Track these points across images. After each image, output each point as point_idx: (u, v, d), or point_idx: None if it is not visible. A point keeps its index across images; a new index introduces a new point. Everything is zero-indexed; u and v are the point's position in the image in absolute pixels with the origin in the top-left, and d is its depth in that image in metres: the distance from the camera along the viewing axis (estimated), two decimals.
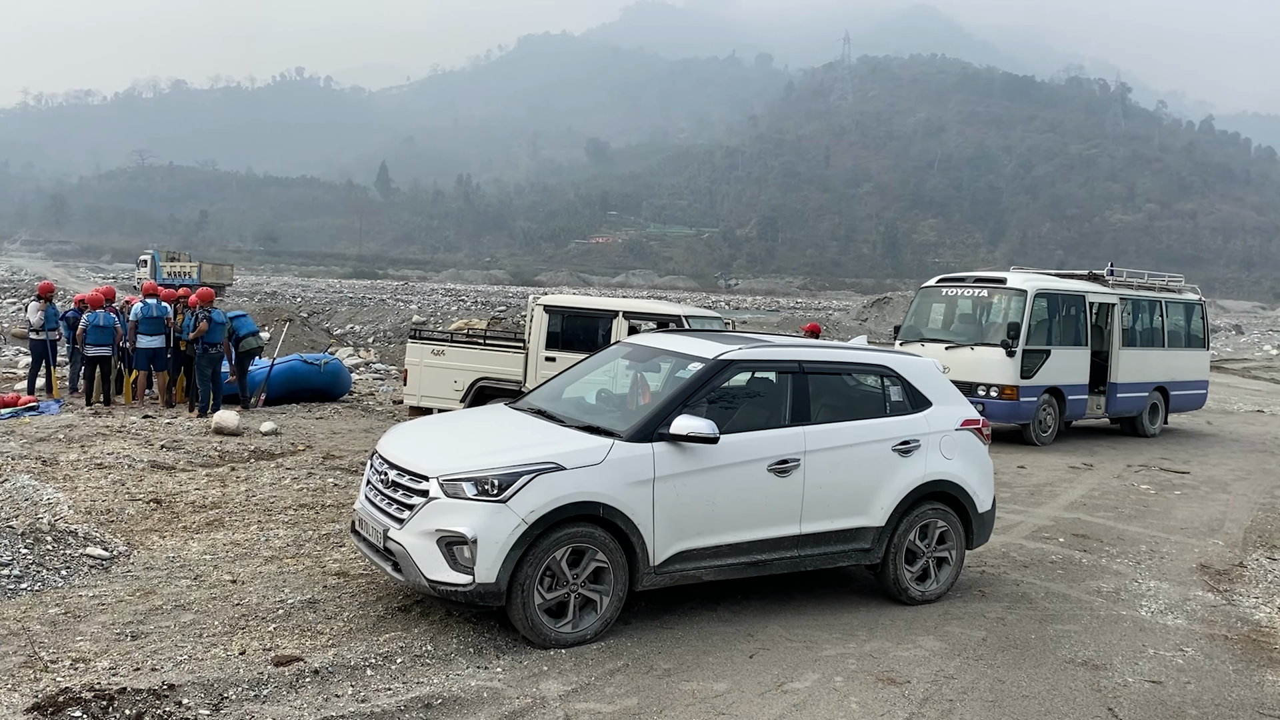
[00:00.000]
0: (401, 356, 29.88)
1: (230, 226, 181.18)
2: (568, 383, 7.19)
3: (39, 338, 15.25)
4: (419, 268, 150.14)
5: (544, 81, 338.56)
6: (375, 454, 6.23)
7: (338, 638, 5.50)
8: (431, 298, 76.09)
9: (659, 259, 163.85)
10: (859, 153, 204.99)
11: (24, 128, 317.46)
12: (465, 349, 12.37)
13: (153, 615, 5.75)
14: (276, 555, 7.19)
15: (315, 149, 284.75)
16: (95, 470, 9.89)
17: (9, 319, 34.78)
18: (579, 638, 5.62)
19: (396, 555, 5.56)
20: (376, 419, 14.61)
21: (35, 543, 6.80)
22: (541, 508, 5.42)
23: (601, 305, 12.07)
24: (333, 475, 10.22)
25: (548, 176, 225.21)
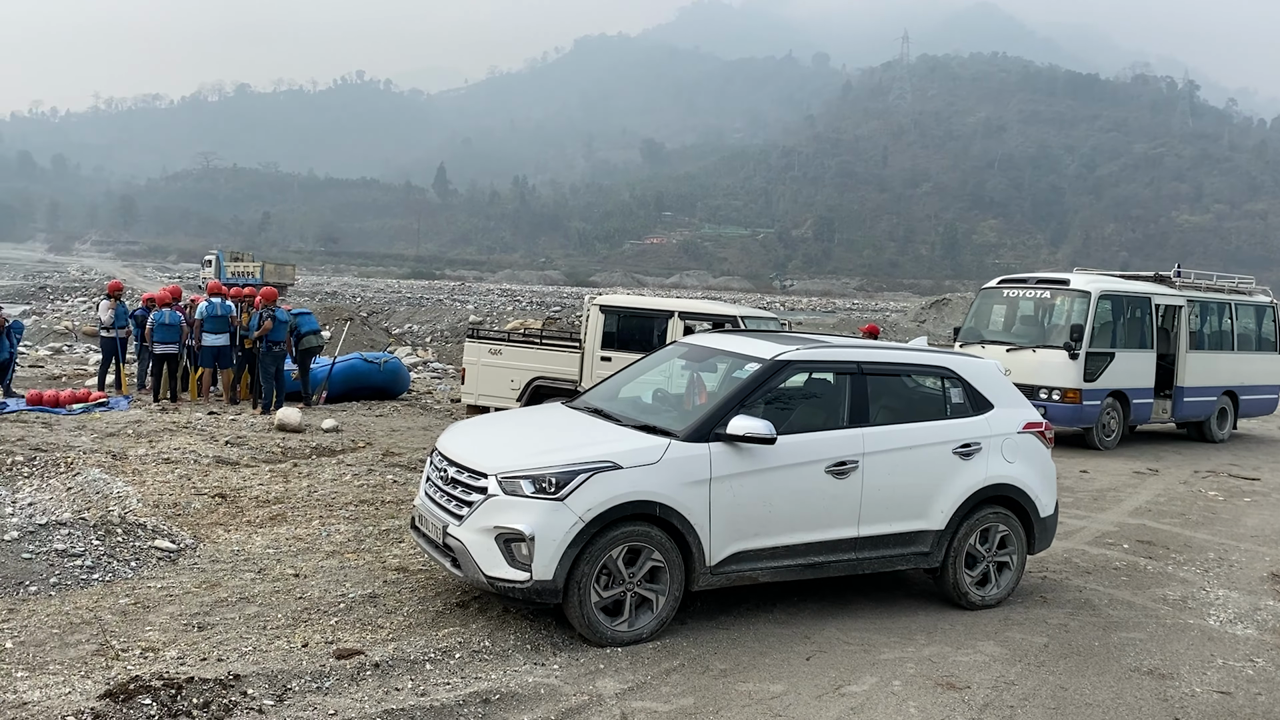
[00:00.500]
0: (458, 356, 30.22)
1: (292, 227, 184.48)
2: (624, 382, 7.21)
3: (109, 335, 15.67)
4: (475, 268, 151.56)
5: (600, 83, 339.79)
6: (435, 451, 6.31)
7: (397, 632, 5.58)
8: (487, 298, 76.77)
9: (713, 260, 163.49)
10: (917, 152, 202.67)
11: (95, 131, 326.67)
12: (522, 348, 12.47)
13: (218, 607, 5.88)
14: (338, 550, 7.31)
15: (375, 151, 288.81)
16: (163, 465, 10.14)
17: (80, 317, 35.79)
18: (635, 636, 5.64)
19: (455, 551, 5.62)
20: (434, 417, 14.78)
21: (106, 535, 6.99)
22: (598, 506, 5.45)
23: (657, 305, 12.09)
24: (392, 472, 10.36)
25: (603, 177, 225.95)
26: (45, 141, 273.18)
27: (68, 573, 6.37)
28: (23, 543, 6.61)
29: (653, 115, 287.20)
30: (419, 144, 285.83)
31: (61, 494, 8.90)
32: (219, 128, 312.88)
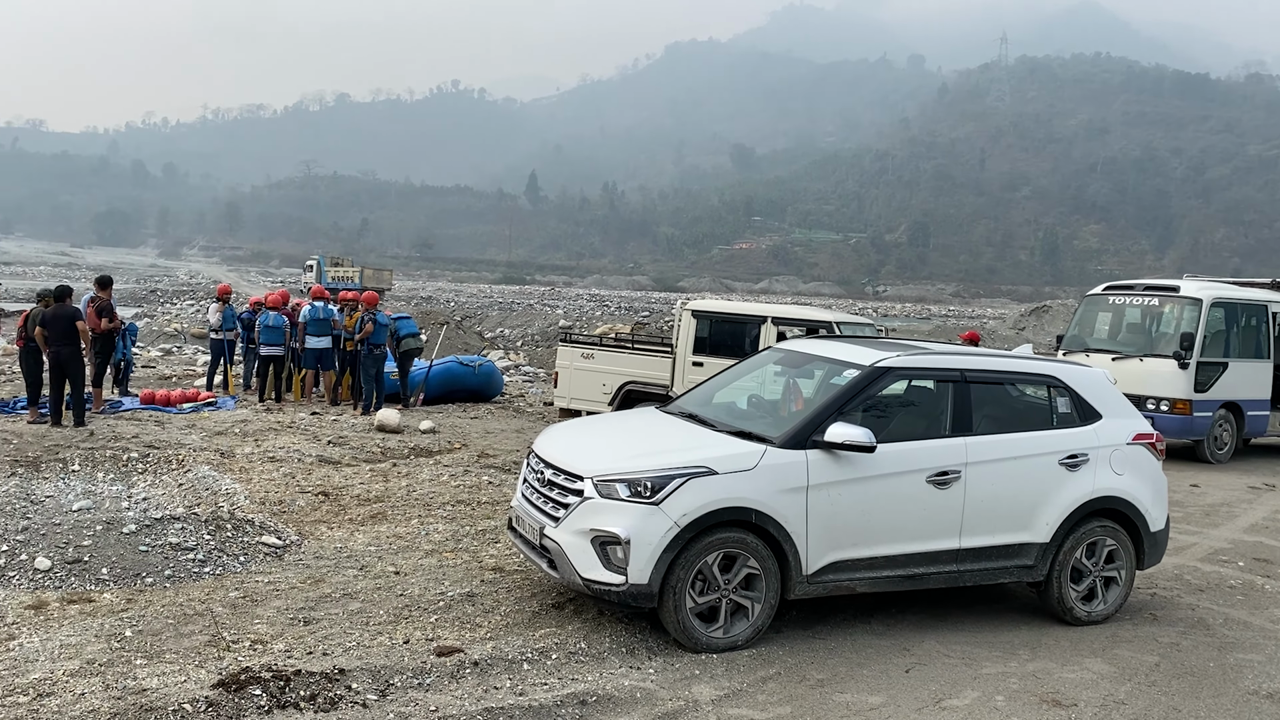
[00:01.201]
0: (549, 360, 30.53)
1: (389, 233, 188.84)
2: (718, 387, 7.19)
3: (217, 337, 16.24)
4: (564, 273, 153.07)
5: (690, 88, 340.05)
6: (531, 453, 6.38)
7: (495, 631, 5.65)
8: (576, 303, 77.52)
9: (804, 265, 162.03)
10: (1016, 156, 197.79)
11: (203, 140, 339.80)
12: (614, 353, 12.54)
13: (323, 602, 6.03)
14: (436, 549, 7.45)
15: (468, 159, 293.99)
16: (268, 463, 10.46)
17: (188, 319, 37.22)
18: (730, 643, 5.61)
19: (552, 552, 5.68)
20: (527, 420, 14.96)
21: (217, 530, 7.25)
22: (693, 511, 5.44)
23: (750, 310, 12.02)
24: (487, 473, 10.51)
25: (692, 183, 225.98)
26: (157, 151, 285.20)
27: (181, 565, 6.62)
28: (139, 536, 6.89)
29: (743, 120, 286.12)
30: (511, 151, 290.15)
31: (173, 490, 9.27)
32: (320, 136, 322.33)
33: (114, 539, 6.78)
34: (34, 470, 9.86)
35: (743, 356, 10.77)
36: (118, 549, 6.66)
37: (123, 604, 5.88)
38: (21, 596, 5.90)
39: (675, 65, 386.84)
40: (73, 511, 8.01)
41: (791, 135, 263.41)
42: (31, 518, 7.57)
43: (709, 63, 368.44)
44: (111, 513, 7.99)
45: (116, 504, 8.74)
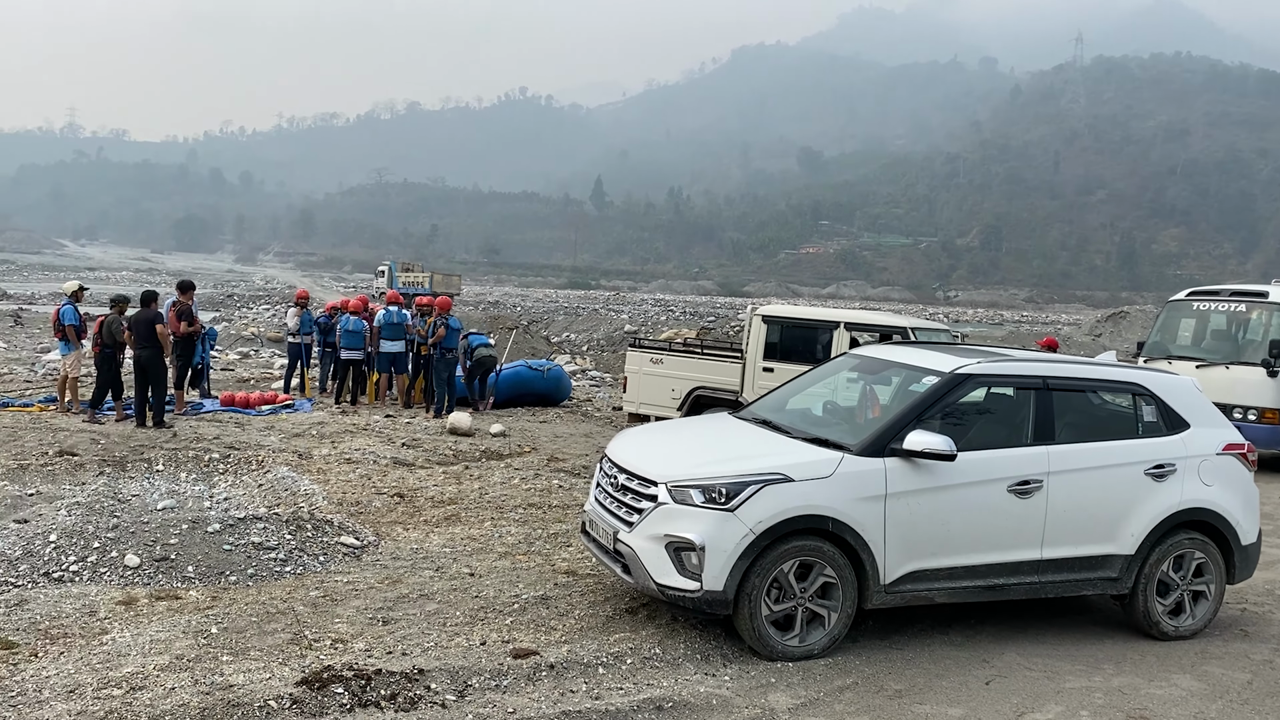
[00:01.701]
0: (615, 364, 30.60)
1: (457, 239, 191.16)
2: (792, 393, 7.13)
3: (294, 341, 16.60)
4: (629, 278, 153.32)
5: (757, 92, 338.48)
6: (604, 457, 6.39)
7: (570, 634, 5.68)
8: (641, 308, 77.53)
9: (872, 269, 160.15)
10: (1092, 158, 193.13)
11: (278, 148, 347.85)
12: (683, 358, 12.51)
13: (400, 603, 6.12)
14: (509, 551, 7.51)
15: (535, 165, 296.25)
16: (344, 465, 10.66)
17: (264, 324, 38.09)
18: (806, 652, 5.56)
19: (626, 557, 5.68)
20: (595, 424, 15.02)
21: (297, 530, 7.39)
22: (769, 519, 5.40)
23: (822, 316, 11.91)
24: (557, 477, 10.57)
25: (758, 187, 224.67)
26: (234, 159, 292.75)
27: (263, 564, 6.77)
28: (223, 535, 7.06)
29: (811, 123, 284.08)
30: (578, 157, 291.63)
31: (254, 490, 9.49)
32: (391, 144, 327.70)
33: (199, 538, 6.96)
34: (120, 469, 10.18)
35: (814, 362, 10.69)
36: (203, 547, 6.83)
37: (208, 601, 6.02)
38: (113, 592, 6.08)
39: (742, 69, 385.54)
40: (158, 510, 8.24)
41: (860, 138, 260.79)
42: (119, 516, 7.80)
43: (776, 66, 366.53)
44: (195, 512, 8.20)
45: (199, 503, 8.98)
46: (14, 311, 34.52)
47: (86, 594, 6.00)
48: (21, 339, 26.73)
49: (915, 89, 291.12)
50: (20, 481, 9.43)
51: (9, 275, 75.48)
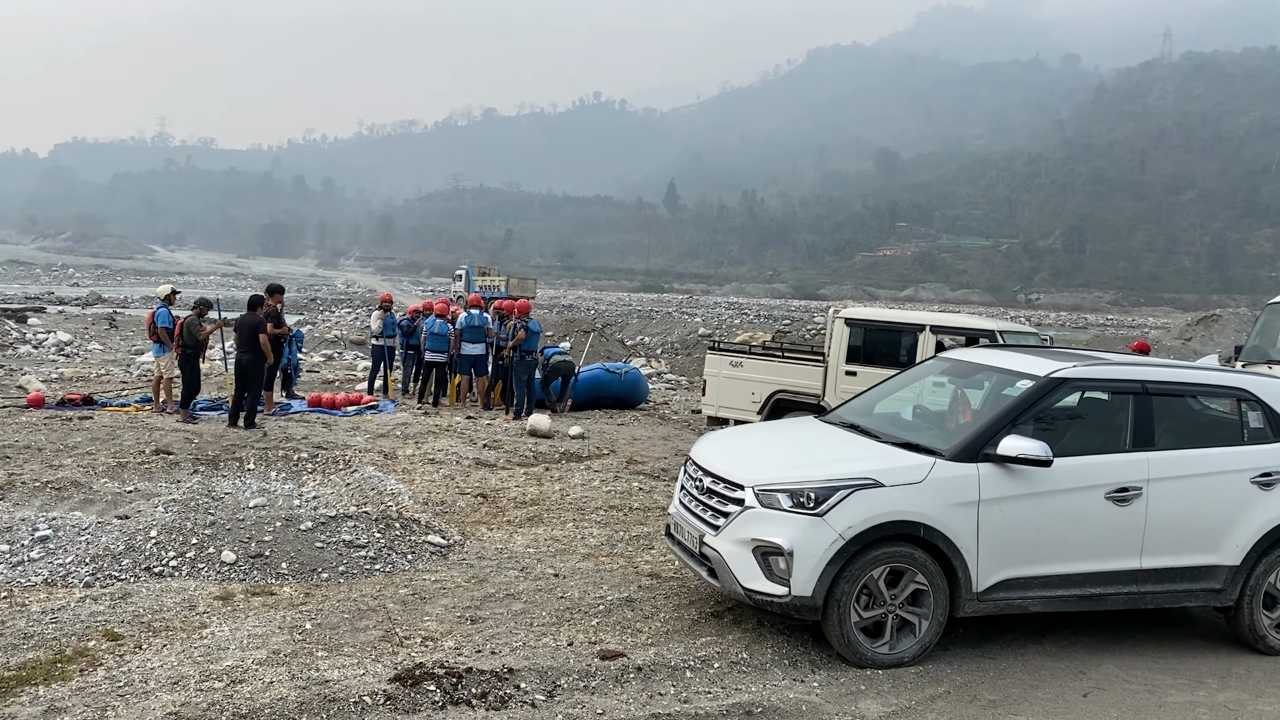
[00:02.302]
0: (690, 367, 30.54)
1: (532, 243, 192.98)
2: (880, 397, 7.03)
3: (378, 343, 16.91)
4: (702, 281, 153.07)
5: (832, 93, 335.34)
6: (689, 460, 6.37)
7: (656, 637, 5.67)
8: (715, 311, 77.34)
9: (951, 272, 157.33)
10: (1181, 157, 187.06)
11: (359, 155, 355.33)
12: (764, 361, 12.40)
13: (487, 602, 6.17)
14: (592, 553, 7.53)
15: (609, 169, 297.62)
16: (428, 465, 10.81)
17: (347, 326, 38.89)
18: (896, 660, 5.47)
19: (712, 561, 5.65)
20: (673, 427, 15.01)
21: (386, 528, 7.51)
22: (859, 524, 5.33)
23: (906, 319, 11.70)
24: (637, 479, 10.58)
25: (833, 189, 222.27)
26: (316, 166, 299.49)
27: (354, 562, 6.89)
28: (315, 533, 7.20)
29: (887, 124, 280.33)
30: (651, 160, 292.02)
31: (341, 489, 9.68)
32: (468, 150, 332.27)
33: (292, 535, 7.11)
34: (213, 468, 10.47)
35: (898, 366, 10.53)
36: (296, 545, 6.98)
37: (301, 598, 6.15)
38: (210, 587, 6.24)
39: (817, 70, 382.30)
40: (250, 508, 8.46)
41: (938, 139, 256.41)
42: (214, 513, 8.02)
43: (852, 67, 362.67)
44: (286, 510, 8.40)
45: (289, 502, 9.19)
46: (109, 315, 35.77)
47: (186, 588, 6.18)
48: (116, 341, 27.69)
49: (995, 88, 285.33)
50: (119, 479, 9.75)
51: (103, 280, 78.34)
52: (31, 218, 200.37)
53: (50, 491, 8.96)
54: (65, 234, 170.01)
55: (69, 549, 6.84)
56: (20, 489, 8.93)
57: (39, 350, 23.53)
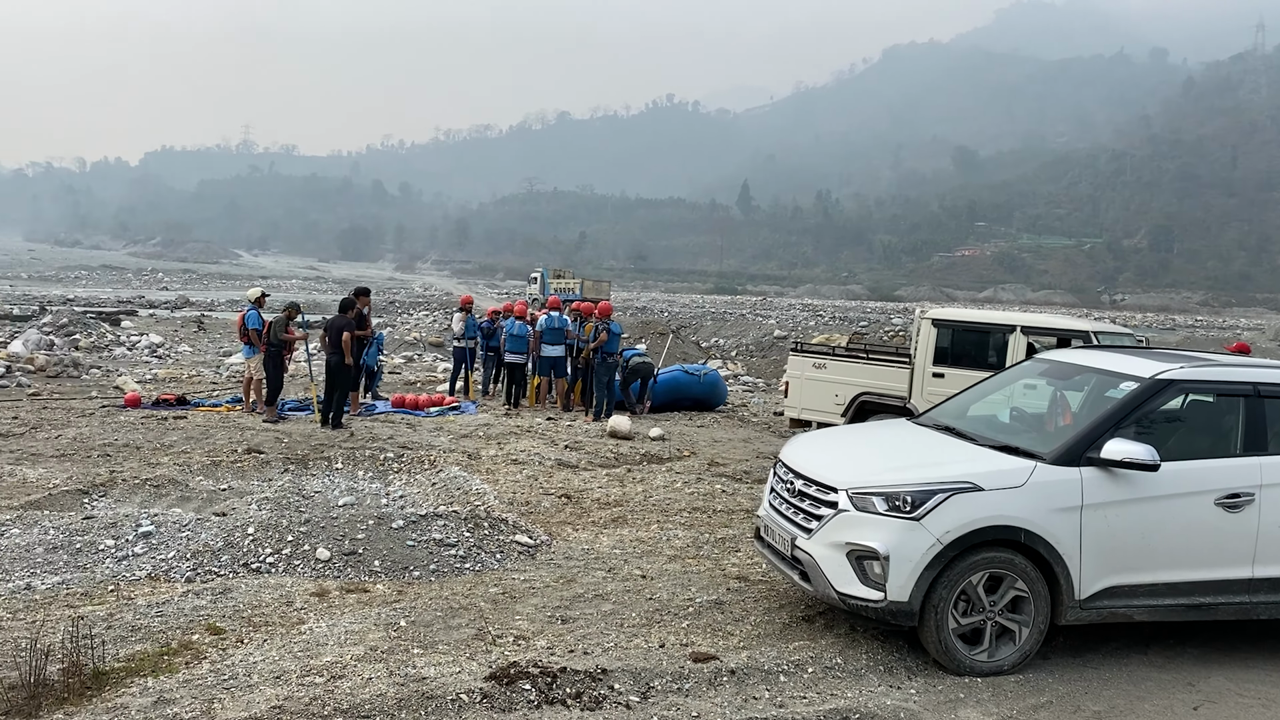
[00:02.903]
0: (767, 370, 30.32)
1: (605, 246, 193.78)
2: (974, 399, 6.88)
3: (459, 345, 17.12)
4: (776, 283, 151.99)
5: (908, 91, 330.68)
6: (779, 462, 6.30)
7: (748, 640, 5.61)
8: (789, 313, 76.68)
9: (1032, 272, 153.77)
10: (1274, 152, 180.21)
11: (435, 160, 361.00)
12: (848, 363, 12.23)
13: (576, 602, 6.18)
14: (679, 555, 7.50)
15: (682, 170, 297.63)
16: (511, 465, 10.90)
17: (425, 329, 39.47)
18: (995, 668, 5.33)
19: (804, 564, 5.58)
20: (753, 429, 14.91)
21: (475, 528, 7.57)
22: (957, 529, 5.21)
23: (996, 319, 11.42)
24: (719, 482, 10.52)
25: (910, 188, 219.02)
26: (394, 171, 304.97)
27: (444, 561, 6.96)
28: (406, 531, 7.29)
29: (966, 122, 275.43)
30: (724, 162, 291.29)
31: (427, 488, 9.80)
32: (542, 154, 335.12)
33: (384, 533, 7.21)
34: (303, 468, 10.69)
35: (987, 368, 10.30)
36: (388, 543, 7.07)
37: (394, 595, 6.23)
38: (306, 584, 6.36)
39: (893, 69, 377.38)
40: (340, 506, 8.61)
41: (1018, 137, 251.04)
42: (306, 511, 8.18)
43: (929, 65, 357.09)
44: (375, 509, 8.53)
45: (377, 501, 9.34)
46: (197, 318, 36.83)
47: (283, 585, 6.30)
48: (205, 343, 28.48)
49: (1078, 84, 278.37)
50: (214, 477, 10.01)
51: (191, 284, 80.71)
52: (123, 224, 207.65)
53: (149, 489, 9.24)
54: (155, 239, 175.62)
55: (170, 544, 7.04)
56: (121, 486, 9.22)
57: (132, 352, 24.32)
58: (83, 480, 9.32)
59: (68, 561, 6.69)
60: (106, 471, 9.77)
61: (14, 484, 9.14)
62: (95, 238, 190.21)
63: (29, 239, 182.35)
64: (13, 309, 33.58)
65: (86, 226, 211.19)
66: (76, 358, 20.38)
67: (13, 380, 16.55)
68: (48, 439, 11.30)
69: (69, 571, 6.52)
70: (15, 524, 7.52)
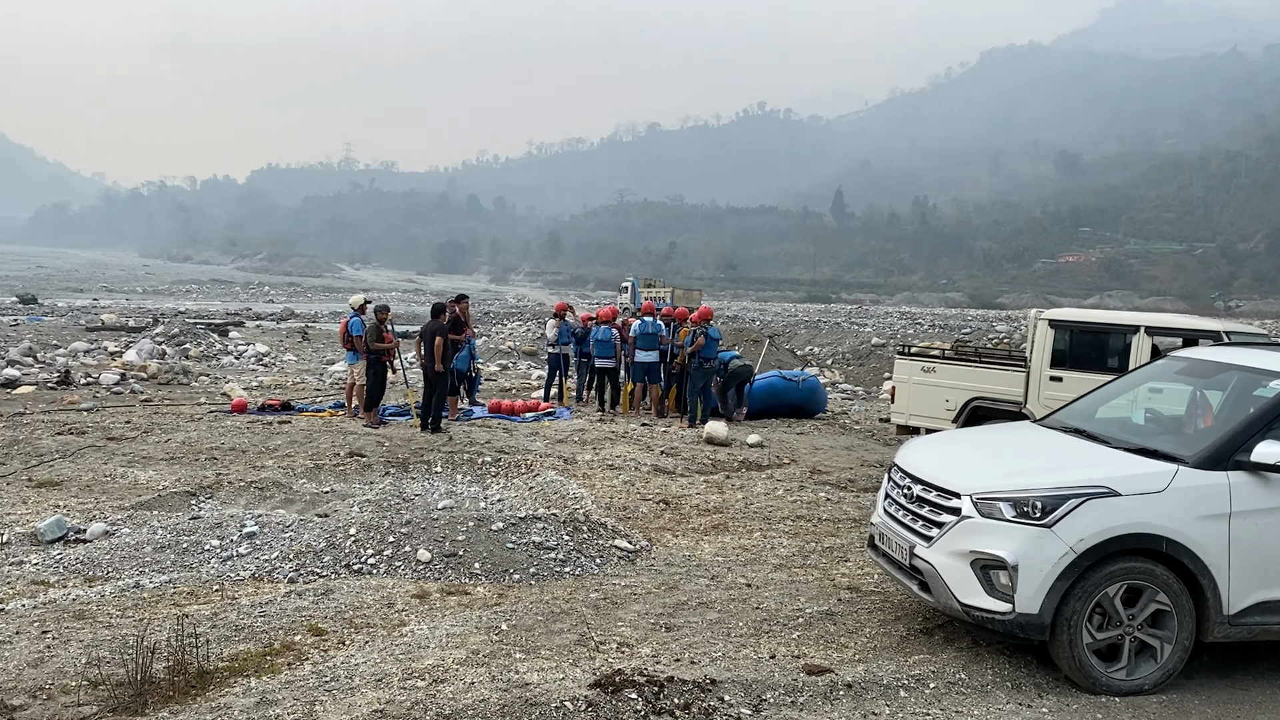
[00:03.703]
0: (866, 377, 29.68)
1: (695, 255, 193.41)
2: (1102, 400, 6.45)
3: (554, 351, 17.09)
4: (872, 291, 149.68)
5: (1008, 95, 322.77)
6: (895, 467, 5.99)
7: (864, 653, 5.32)
8: (886, 320, 75.26)
9: (1140, 278, 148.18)
10: None
11: (528, 174, 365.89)
12: (958, 366, 11.75)
13: (680, 610, 5.96)
14: (784, 563, 7.23)
15: (773, 179, 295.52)
16: (607, 470, 10.75)
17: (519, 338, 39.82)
18: (1134, 687, 4.94)
19: (924, 574, 5.26)
20: (856, 437, 14.49)
21: (574, 531, 7.42)
22: (1092, 537, 4.83)
23: (1118, 319, 10.82)
24: (823, 490, 10.19)
25: (1011, 194, 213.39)
26: (489, 185, 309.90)
27: (544, 564, 6.82)
28: (506, 534, 7.18)
29: (1068, 125, 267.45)
30: (817, 169, 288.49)
31: (524, 492, 9.71)
32: (632, 165, 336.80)
33: (484, 535, 7.11)
34: (403, 471, 10.72)
35: (1108, 370, 9.77)
36: (488, 545, 6.97)
37: (495, 598, 6.10)
38: (407, 586, 6.28)
39: (992, 72, 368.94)
40: (440, 509, 8.55)
41: (1125, 139, 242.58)
42: (406, 513, 8.14)
43: (1029, 67, 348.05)
44: (474, 511, 8.45)
45: (475, 504, 9.28)
46: (301, 329, 37.79)
47: (384, 586, 6.24)
48: (309, 353, 29.16)
49: (1188, 83, 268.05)
50: (317, 480, 10.10)
51: (295, 297, 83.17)
52: (231, 239, 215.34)
53: (254, 491, 9.35)
54: (261, 254, 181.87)
55: (274, 545, 7.05)
56: (227, 488, 9.35)
57: (239, 361, 25.02)
58: (190, 482, 9.48)
59: (175, 561, 6.75)
60: (213, 474, 9.94)
61: (125, 485, 9.35)
62: (205, 253, 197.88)
63: (144, 255, 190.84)
64: (128, 321, 34.95)
65: (197, 242, 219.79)
66: (187, 366, 21.02)
67: (127, 387, 17.11)
68: (158, 442, 11.57)
69: (176, 570, 6.57)
70: (126, 524, 7.65)
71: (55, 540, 7.21)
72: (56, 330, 29.48)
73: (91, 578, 6.42)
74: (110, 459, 10.58)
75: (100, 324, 33.00)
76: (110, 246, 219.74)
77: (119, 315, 37.74)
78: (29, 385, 16.79)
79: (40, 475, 9.70)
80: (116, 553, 6.83)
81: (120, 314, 38.98)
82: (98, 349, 24.42)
